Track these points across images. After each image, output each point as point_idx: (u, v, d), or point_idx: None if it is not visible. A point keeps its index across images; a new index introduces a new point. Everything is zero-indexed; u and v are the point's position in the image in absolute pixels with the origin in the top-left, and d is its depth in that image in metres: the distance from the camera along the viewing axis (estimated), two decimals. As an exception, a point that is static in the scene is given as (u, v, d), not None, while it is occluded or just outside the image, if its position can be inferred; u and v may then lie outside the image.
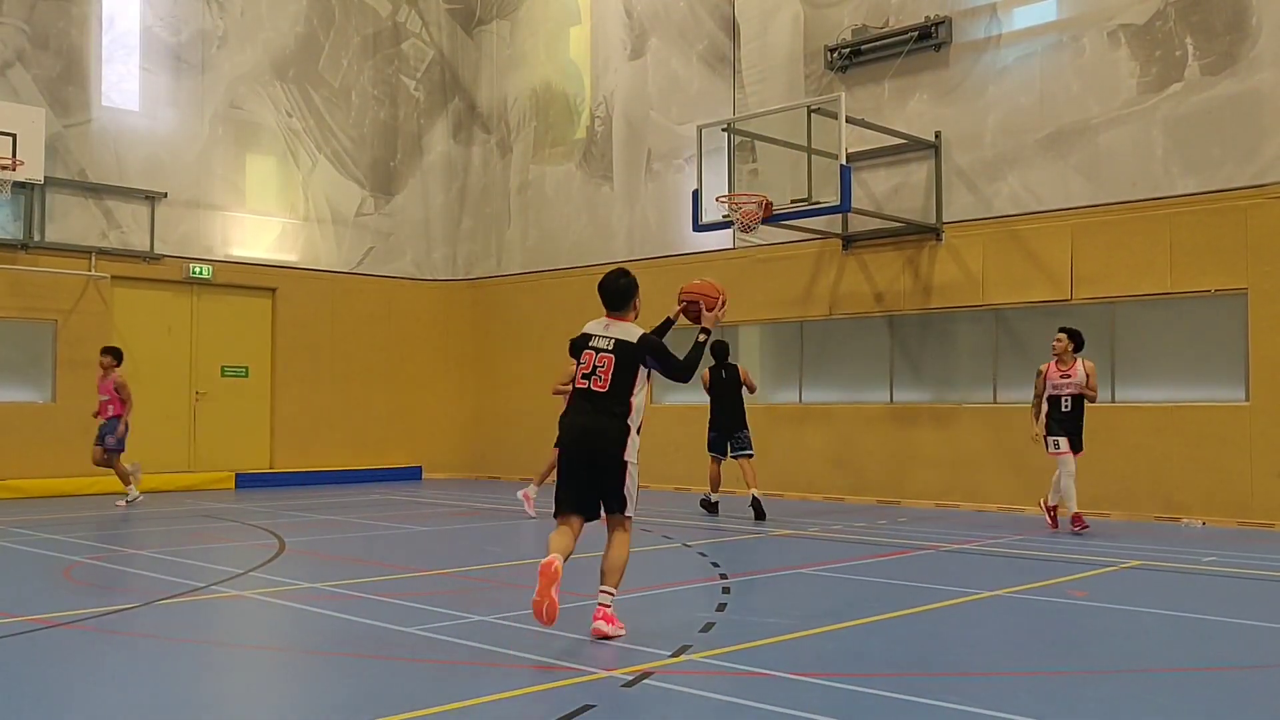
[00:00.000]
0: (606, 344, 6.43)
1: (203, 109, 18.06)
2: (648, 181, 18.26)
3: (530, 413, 19.77)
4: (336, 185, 19.66)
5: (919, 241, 14.92)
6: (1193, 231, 12.78)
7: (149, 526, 12.20)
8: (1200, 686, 5.43)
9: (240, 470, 17.91)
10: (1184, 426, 12.76)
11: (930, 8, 14.86)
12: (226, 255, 18.24)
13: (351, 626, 6.64)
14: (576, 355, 6.57)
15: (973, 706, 4.81)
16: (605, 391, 6.32)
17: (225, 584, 8.13)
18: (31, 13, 16.40)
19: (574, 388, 6.48)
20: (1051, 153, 13.86)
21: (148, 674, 5.64)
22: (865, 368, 15.63)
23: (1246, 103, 12.48)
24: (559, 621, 5.99)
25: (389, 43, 20.45)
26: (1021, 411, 13.98)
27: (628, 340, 6.40)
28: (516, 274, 20.33)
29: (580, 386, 6.42)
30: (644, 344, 6.39)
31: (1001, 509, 13.84)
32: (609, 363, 6.36)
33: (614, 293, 6.62)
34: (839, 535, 11.46)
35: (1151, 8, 13.15)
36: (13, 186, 15.46)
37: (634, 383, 6.36)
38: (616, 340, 6.42)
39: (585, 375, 6.41)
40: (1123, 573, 8.93)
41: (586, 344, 6.51)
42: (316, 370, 19.13)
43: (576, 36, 19.59)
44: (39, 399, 16.38)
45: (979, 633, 6.74)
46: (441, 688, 5.22)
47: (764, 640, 6.19)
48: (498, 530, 12.15)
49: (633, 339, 6.41)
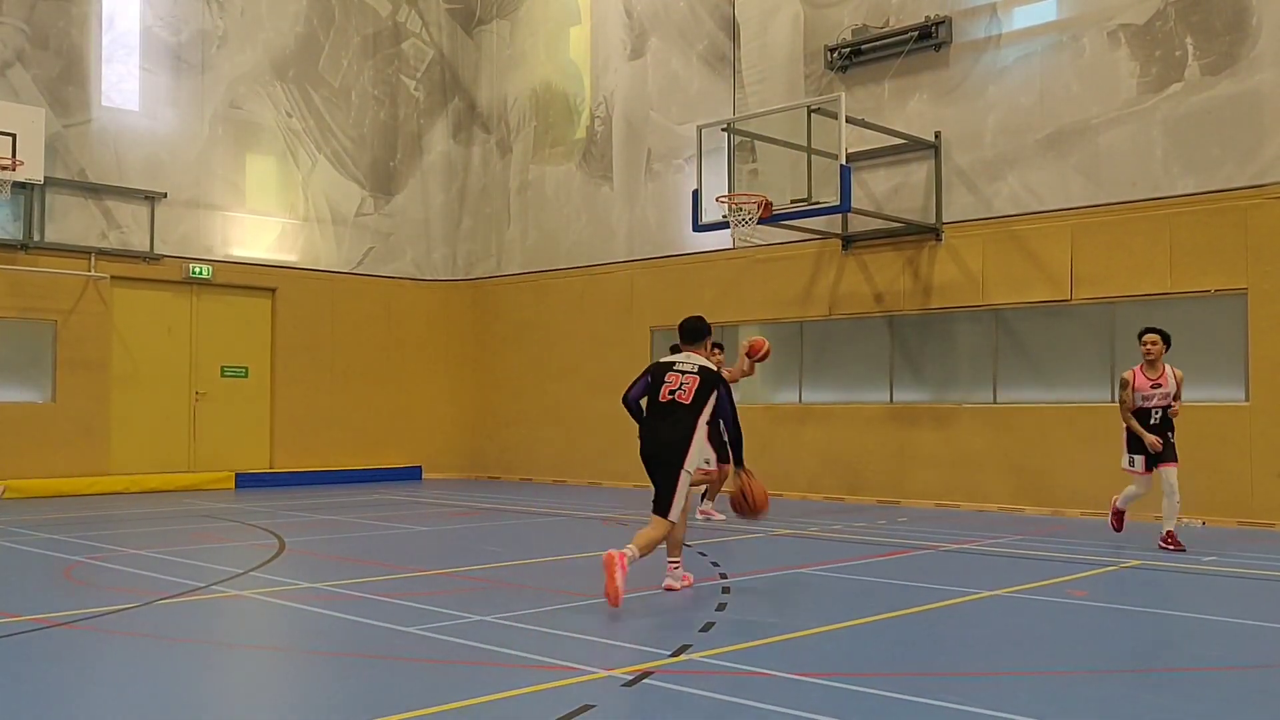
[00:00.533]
0: (690, 368, 7.84)
1: (203, 109, 18.06)
2: (648, 181, 18.26)
3: (530, 412, 19.78)
4: (336, 185, 19.66)
5: (919, 241, 14.92)
6: (1193, 231, 12.78)
7: (149, 526, 12.19)
8: (1200, 686, 5.42)
9: (240, 470, 17.91)
10: (1184, 426, 12.74)
11: (930, 8, 14.86)
12: (226, 255, 18.24)
13: (351, 626, 6.64)
14: (659, 377, 7.86)
15: (973, 706, 4.81)
16: (689, 404, 7.70)
17: (225, 584, 8.13)
18: (31, 13, 16.40)
19: (658, 401, 7.79)
20: (1051, 153, 13.86)
21: (148, 674, 5.63)
22: (865, 368, 15.63)
23: (1246, 103, 12.48)
24: (558, 621, 5.99)
25: (389, 43, 20.45)
26: (1022, 411, 14.01)
27: (709, 368, 7.88)
28: (516, 274, 20.33)
29: (665, 400, 7.76)
30: (720, 376, 7.90)
31: (1001, 509, 13.85)
32: (694, 383, 7.74)
33: (692, 330, 8.15)
34: (839, 535, 11.46)
35: (1151, 8, 13.15)
36: (12, 186, 15.46)
37: (708, 401, 7.74)
38: (700, 366, 7.85)
39: (671, 391, 7.76)
40: (1123, 573, 8.94)
41: (670, 368, 7.89)
42: (316, 370, 19.13)
43: (576, 36, 19.59)
44: (39, 399, 16.38)
45: (979, 633, 6.74)
46: (441, 688, 5.22)
47: (764, 640, 6.19)
48: (497, 530, 12.14)
49: (712, 368, 7.92)
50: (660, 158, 18.07)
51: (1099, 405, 13.43)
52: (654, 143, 18.18)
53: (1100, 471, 13.28)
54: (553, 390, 19.30)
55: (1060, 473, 13.59)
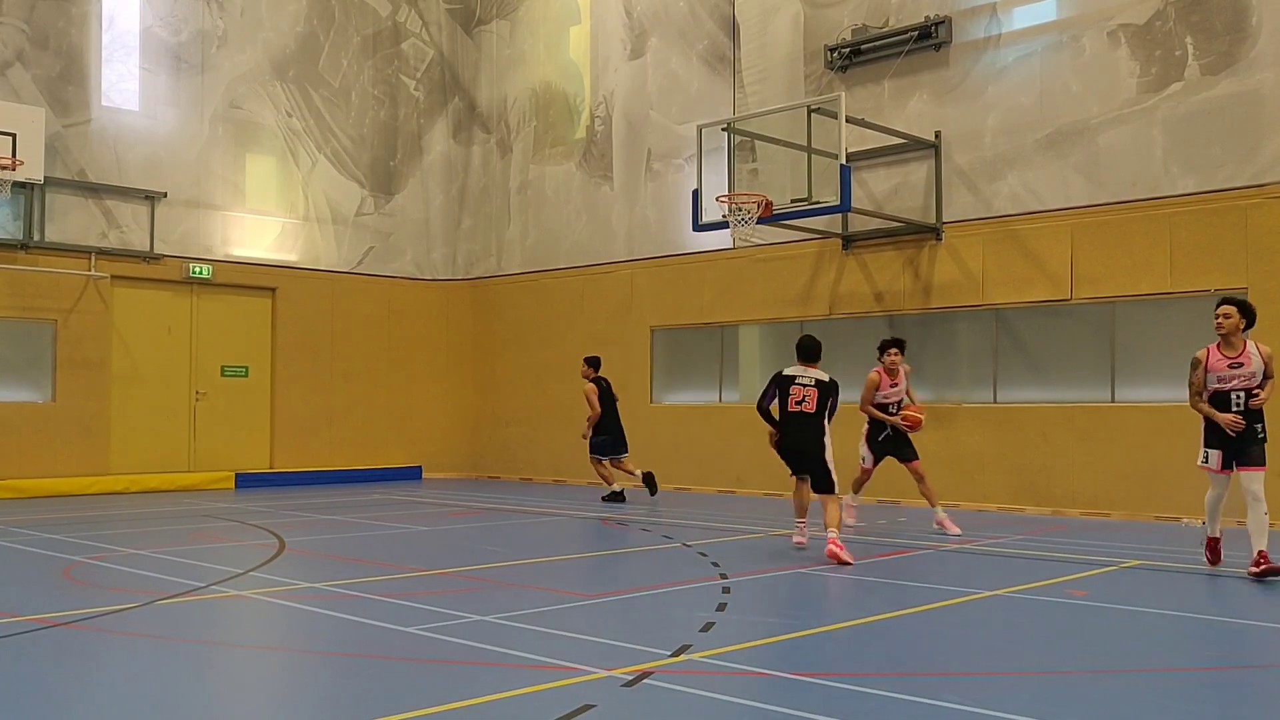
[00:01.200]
0: (809, 382, 9.77)
1: (202, 109, 18.06)
2: (648, 181, 18.26)
3: (530, 412, 19.78)
4: (336, 185, 19.66)
5: (919, 241, 14.92)
6: (1192, 231, 12.78)
7: (149, 526, 12.19)
8: (1200, 686, 5.43)
9: (240, 470, 17.91)
10: (1184, 426, 12.67)
11: (930, 7, 14.86)
12: (226, 255, 18.25)
13: (351, 626, 6.64)
14: (785, 389, 9.80)
15: (973, 706, 4.81)
16: (814, 413, 9.70)
17: (225, 584, 8.13)
18: (31, 13, 16.40)
19: (788, 409, 9.73)
20: (1051, 152, 13.86)
21: (147, 674, 5.63)
22: (865, 368, 15.57)
23: (1246, 103, 12.48)
24: (558, 621, 5.99)
25: (389, 43, 20.45)
26: (1022, 411, 14.01)
27: (824, 380, 9.80)
28: (516, 274, 20.33)
29: (794, 411, 9.73)
30: (834, 385, 9.84)
31: (1001, 509, 13.85)
32: (814, 395, 9.71)
33: (810, 349, 9.95)
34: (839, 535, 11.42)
35: (1151, 8, 13.14)
36: (12, 186, 15.46)
37: (827, 405, 9.74)
38: (817, 380, 9.79)
39: (797, 403, 9.72)
40: (1123, 573, 8.94)
41: (793, 382, 9.80)
42: (316, 370, 19.13)
43: (576, 36, 19.59)
44: (39, 399, 16.37)
45: (979, 633, 6.74)
46: (441, 688, 5.22)
47: (764, 640, 6.19)
48: (497, 530, 12.14)
49: (826, 379, 9.83)
50: (660, 157, 18.07)
51: (1099, 405, 13.44)
52: (654, 142, 18.18)
53: (1100, 471, 13.29)
54: (553, 390, 19.30)
55: (1060, 473, 13.59)
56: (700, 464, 17.13)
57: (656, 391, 18.08)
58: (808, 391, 9.70)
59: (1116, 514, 13.04)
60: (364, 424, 19.68)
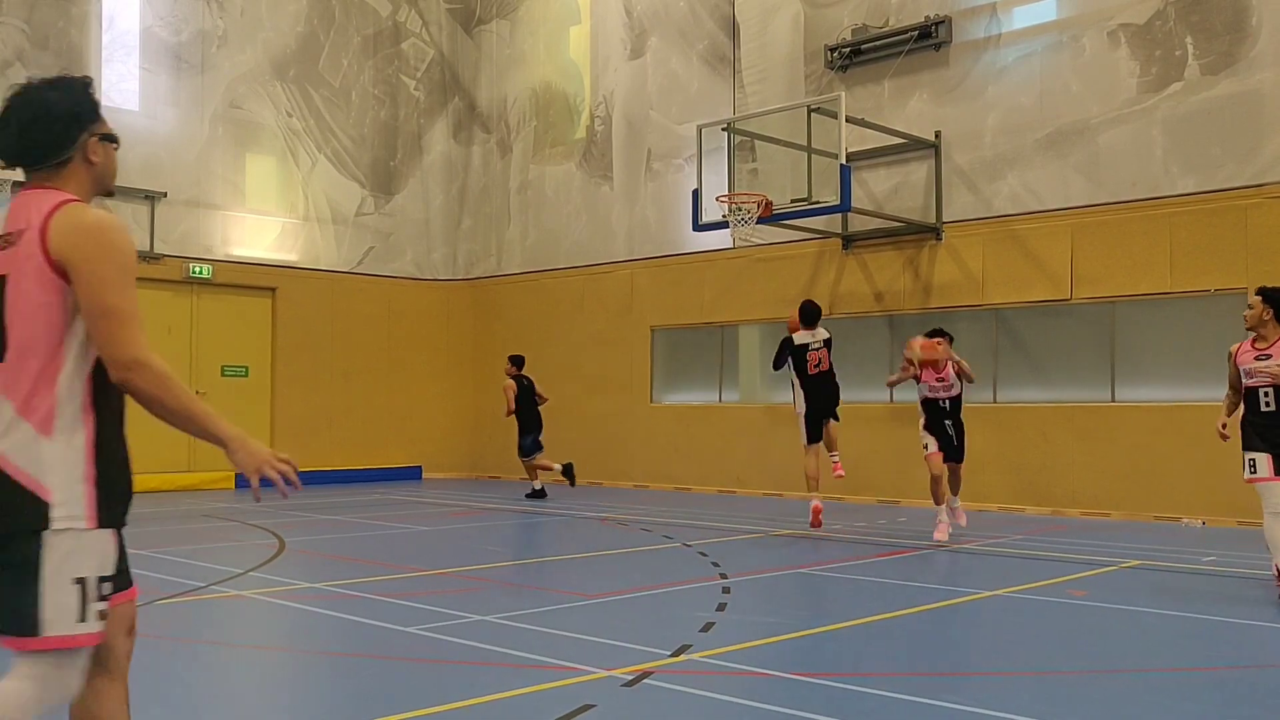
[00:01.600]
0: (819, 345, 11.13)
1: (202, 109, 18.06)
2: (648, 181, 18.26)
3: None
4: (336, 185, 19.66)
5: (919, 241, 14.92)
6: (1192, 231, 12.78)
7: (149, 526, 12.19)
8: (1200, 686, 5.43)
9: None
10: (1184, 426, 12.75)
11: (930, 7, 14.86)
12: (226, 255, 18.24)
13: (351, 626, 6.64)
14: (800, 356, 11.05)
15: (973, 706, 4.81)
16: (829, 369, 11.13)
17: (225, 584, 8.13)
18: (31, 13, 16.40)
19: (809, 374, 11.02)
20: (1051, 152, 13.86)
21: (147, 674, 5.63)
22: (865, 367, 15.62)
23: (1246, 103, 12.48)
24: (558, 621, 5.99)
25: (389, 43, 20.45)
26: (1022, 411, 14.01)
27: (827, 337, 11.24)
28: (516, 274, 20.33)
29: (814, 374, 11.04)
30: (830, 338, 11.31)
31: (1002, 509, 13.85)
32: (825, 353, 11.11)
33: (813, 313, 11.24)
34: (839, 535, 11.46)
35: (1151, 8, 13.14)
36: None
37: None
38: (824, 340, 11.18)
39: (815, 366, 11.03)
40: (1123, 573, 8.94)
41: (807, 350, 11.08)
42: (316, 370, 19.13)
43: (576, 36, 19.59)
44: (39, 399, 16.33)
45: (979, 633, 6.74)
46: (441, 688, 5.22)
47: (764, 640, 6.19)
48: (497, 530, 12.15)
49: (826, 334, 11.26)
50: (660, 157, 18.07)
51: (1099, 405, 13.44)
52: (654, 142, 18.18)
53: (1100, 471, 13.29)
54: (553, 390, 19.27)
55: (1060, 473, 13.59)
56: (700, 464, 17.13)
57: (657, 391, 18.08)
58: (820, 354, 11.07)
59: (1116, 514, 13.04)
60: (364, 424, 19.67)
